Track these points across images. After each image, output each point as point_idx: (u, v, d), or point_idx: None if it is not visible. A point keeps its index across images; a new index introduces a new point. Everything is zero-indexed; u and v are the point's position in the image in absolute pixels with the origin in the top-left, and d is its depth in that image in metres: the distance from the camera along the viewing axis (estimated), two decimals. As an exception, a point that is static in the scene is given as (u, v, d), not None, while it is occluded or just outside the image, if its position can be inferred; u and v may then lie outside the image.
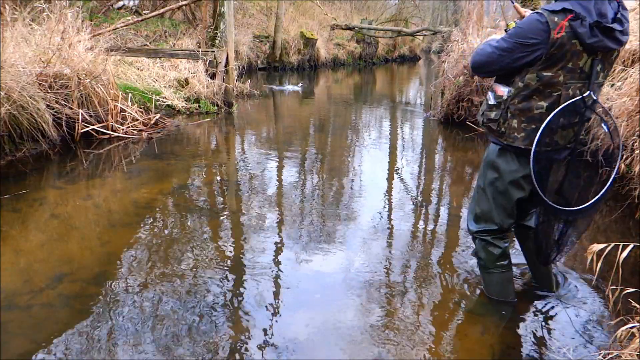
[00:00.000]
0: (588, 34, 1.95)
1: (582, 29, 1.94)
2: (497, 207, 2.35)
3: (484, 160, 2.41)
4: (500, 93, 2.20)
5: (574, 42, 1.97)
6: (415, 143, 6.53)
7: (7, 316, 2.27)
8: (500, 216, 2.36)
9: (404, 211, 3.81)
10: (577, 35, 1.96)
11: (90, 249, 3.02)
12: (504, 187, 2.30)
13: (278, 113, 8.61)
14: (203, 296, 2.51)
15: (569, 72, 2.03)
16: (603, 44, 1.98)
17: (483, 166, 2.41)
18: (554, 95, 2.08)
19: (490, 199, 2.36)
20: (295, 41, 14.98)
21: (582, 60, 2.02)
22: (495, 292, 2.51)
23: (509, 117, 2.19)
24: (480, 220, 2.43)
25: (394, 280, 2.74)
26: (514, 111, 2.16)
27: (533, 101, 2.11)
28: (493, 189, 2.34)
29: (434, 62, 20.66)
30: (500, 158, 2.29)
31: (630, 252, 2.02)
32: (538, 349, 2.20)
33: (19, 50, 4.84)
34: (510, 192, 2.29)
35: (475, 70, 2.28)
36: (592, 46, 1.98)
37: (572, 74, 2.04)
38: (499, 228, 2.38)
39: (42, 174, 4.32)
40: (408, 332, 2.29)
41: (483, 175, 2.40)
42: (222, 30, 7.88)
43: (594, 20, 1.94)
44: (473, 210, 2.47)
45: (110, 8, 11.14)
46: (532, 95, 2.10)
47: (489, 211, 2.38)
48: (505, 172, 2.27)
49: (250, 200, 3.96)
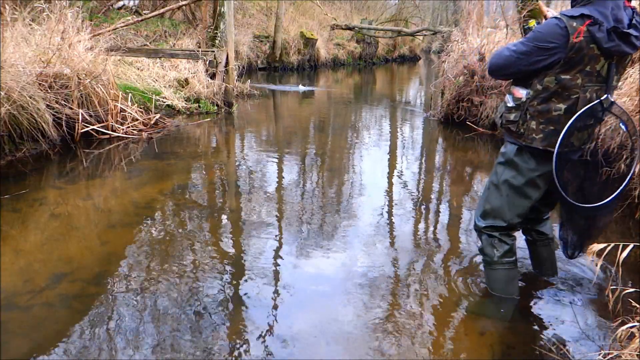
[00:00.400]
0: (605, 38, 2.01)
1: (600, 34, 2.01)
2: (511, 205, 2.38)
3: (500, 158, 2.43)
4: (519, 95, 2.25)
5: (592, 46, 2.04)
6: (415, 143, 6.53)
7: (7, 316, 2.27)
8: (512, 214, 2.39)
9: (404, 211, 3.81)
10: (595, 40, 2.02)
11: (90, 249, 3.02)
12: (520, 185, 2.34)
13: (278, 113, 8.61)
14: (203, 296, 2.51)
15: (586, 75, 2.09)
16: (620, 49, 2.05)
17: (498, 164, 2.44)
18: (572, 98, 2.13)
19: (504, 196, 2.39)
20: (295, 41, 14.98)
21: (600, 64, 2.08)
22: (499, 289, 2.52)
23: (527, 119, 2.23)
24: (488, 216, 2.46)
25: (393, 280, 2.74)
26: (533, 113, 2.21)
27: (552, 103, 2.16)
28: (508, 186, 2.37)
29: (434, 62, 20.67)
30: (518, 157, 2.33)
31: (630, 252, 2.02)
32: (538, 349, 2.20)
33: (19, 50, 4.84)
34: (526, 190, 2.33)
35: (493, 73, 2.33)
36: (609, 50, 2.04)
37: (590, 77, 2.10)
38: (508, 225, 2.41)
39: (42, 174, 4.32)
40: (408, 331, 2.29)
41: (498, 172, 2.43)
42: (222, 30, 7.88)
43: (611, 25, 2.01)
44: (482, 206, 2.50)
45: (110, 8, 11.14)
46: (551, 97, 2.16)
47: (499, 207, 2.41)
48: (524, 170, 2.31)
49: (250, 200, 3.96)
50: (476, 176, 4.94)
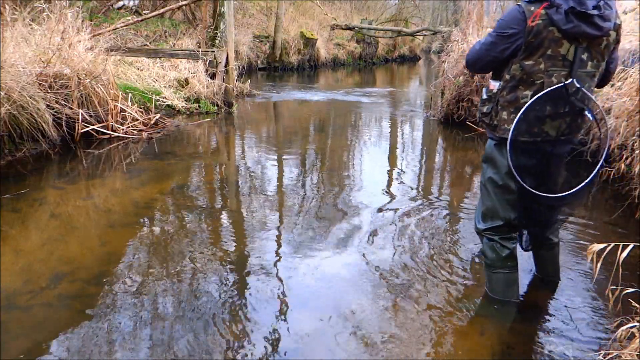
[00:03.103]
0: (563, 20, 1.99)
1: (557, 16, 1.99)
2: (500, 201, 2.37)
3: (483, 156, 2.45)
4: (492, 87, 2.28)
5: (551, 29, 2.02)
6: (415, 143, 6.53)
7: (7, 316, 2.27)
8: (504, 210, 2.37)
9: (404, 211, 3.81)
10: (553, 22, 2.00)
11: (90, 249, 3.02)
12: (502, 180, 2.33)
13: (278, 113, 8.61)
14: (203, 296, 2.51)
15: (549, 59, 2.07)
16: (580, 30, 2.00)
17: (482, 162, 2.46)
18: (537, 84, 2.12)
19: (492, 194, 2.39)
20: (295, 41, 14.98)
21: (564, 48, 2.05)
22: (499, 292, 2.50)
23: (499, 110, 2.24)
24: (486, 218, 2.45)
25: (393, 279, 2.74)
26: (503, 103, 2.22)
27: (519, 91, 2.16)
28: (492, 183, 2.37)
29: (434, 62, 20.66)
30: (495, 152, 2.33)
31: (630, 252, 2.02)
32: (538, 349, 2.20)
33: (19, 50, 4.84)
34: (509, 184, 2.31)
35: (469, 67, 2.42)
36: (569, 32, 2.01)
37: (554, 62, 2.07)
38: (505, 223, 2.39)
39: (42, 174, 4.32)
40: (408, 331, 2.28)
41: (483, 171, 2.45)
42: (222, 30, 7.88)
43: (569, 6, 1.98)
44: (479, 209, 2.50)
45: (110, 8, 11.14)
46: (518, 85, 2.16)
47: (492, 207, 2.40)
48: (502, 166, 2.30)
49: (250, 200, 3.95)
50: (476, 176, 4.94)
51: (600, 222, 3.63)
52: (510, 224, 2.40)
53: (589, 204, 3.99)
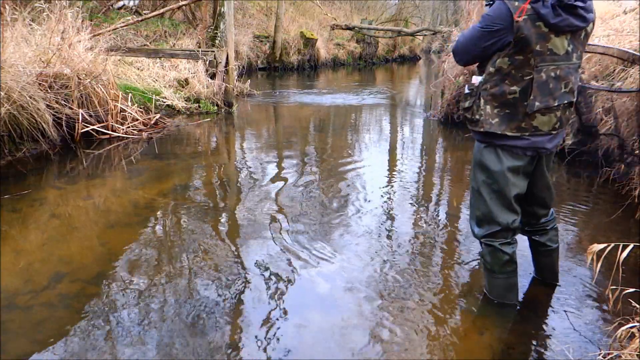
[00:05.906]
0: (551, 14, 1.96)
1: (544, 10, 1.96)
2: (496, 206, 2.31)
3: (472, 160, 2.41)
4: (474, 82, 2.24)
5: (539, 24, 1.99)
6: (415, 143, 6.53)
7: (7, 316, 2.27)
8: (502, 214, 2.31)
9: (404, 211, 3.81)
10: (541, 16, 1.97)
11: (90, 249, 3.02)
12: (496, 185, 2.28)
13: (278, 113, 8.61)
14: (203, 296, 2.51)
15: (538, 55, 2.04)
16: (568, 22, 1.99)
17: (473, 166, 2.41)
18: (525, 80, 2.08)
19: (487, 199, 2.33)
20: (295, 41, 14.99)
21: (551, 43, 2.03)
22: (498, 295, 2.49)
23: (482, 104, 2.20)
24: (482, 224, 2.39)
25: (393, 280, 2.74)
26: (487, 97, 2.18)
27: (505, 86, 2.12)
28: (487, 188, 2.32)
29: (434, 62, 20.67)
30: (485, 156, 2.30)
31: (630, 252, 2.02)
32: (538, 349, 2.20)
33: (19, 50, 4.84)
34: (503, 187, 2.27)
35: (455, 59, 2.33)
36: (557, 26, 1.99)
37: (542, 57, 2.04)
38: (503, 228, 2.33)
39: (42, 174, 4.32)
40: (408, 332, 2.28)
41: (475, 176, 2.39)
42: (222, 30, 7.89)
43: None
44: (473, 214, 2.44)
45: (110, 8, 11.14)
46: (504, 79, 2.12)
47: (488, 212, 2.34)
48: (494, 171, 2.27)
49: (250, 200, 3.95)
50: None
51: (600, 222, 3.63)
52: (509, 228, 2.33)
53: (589, 204, 3.99)
